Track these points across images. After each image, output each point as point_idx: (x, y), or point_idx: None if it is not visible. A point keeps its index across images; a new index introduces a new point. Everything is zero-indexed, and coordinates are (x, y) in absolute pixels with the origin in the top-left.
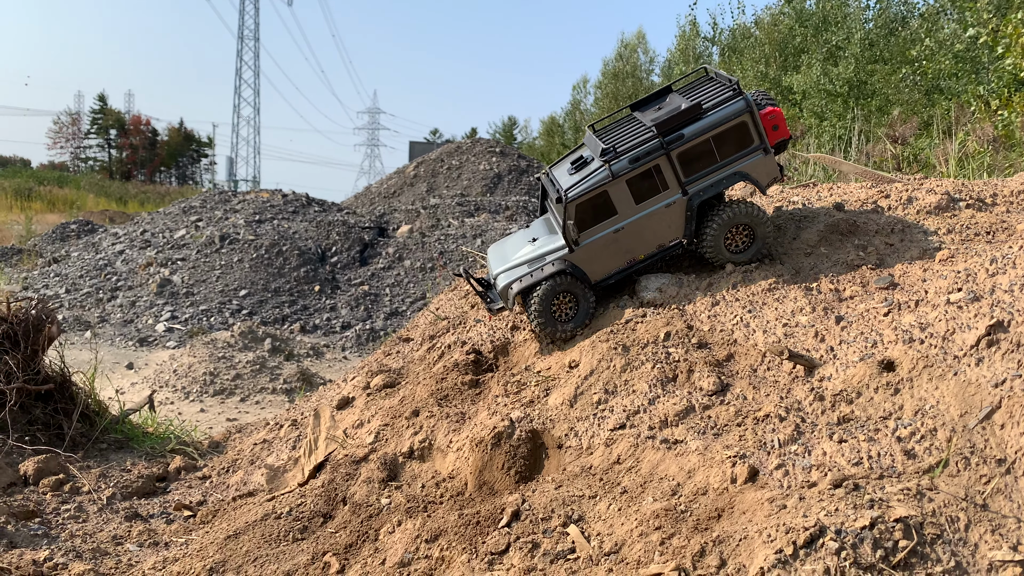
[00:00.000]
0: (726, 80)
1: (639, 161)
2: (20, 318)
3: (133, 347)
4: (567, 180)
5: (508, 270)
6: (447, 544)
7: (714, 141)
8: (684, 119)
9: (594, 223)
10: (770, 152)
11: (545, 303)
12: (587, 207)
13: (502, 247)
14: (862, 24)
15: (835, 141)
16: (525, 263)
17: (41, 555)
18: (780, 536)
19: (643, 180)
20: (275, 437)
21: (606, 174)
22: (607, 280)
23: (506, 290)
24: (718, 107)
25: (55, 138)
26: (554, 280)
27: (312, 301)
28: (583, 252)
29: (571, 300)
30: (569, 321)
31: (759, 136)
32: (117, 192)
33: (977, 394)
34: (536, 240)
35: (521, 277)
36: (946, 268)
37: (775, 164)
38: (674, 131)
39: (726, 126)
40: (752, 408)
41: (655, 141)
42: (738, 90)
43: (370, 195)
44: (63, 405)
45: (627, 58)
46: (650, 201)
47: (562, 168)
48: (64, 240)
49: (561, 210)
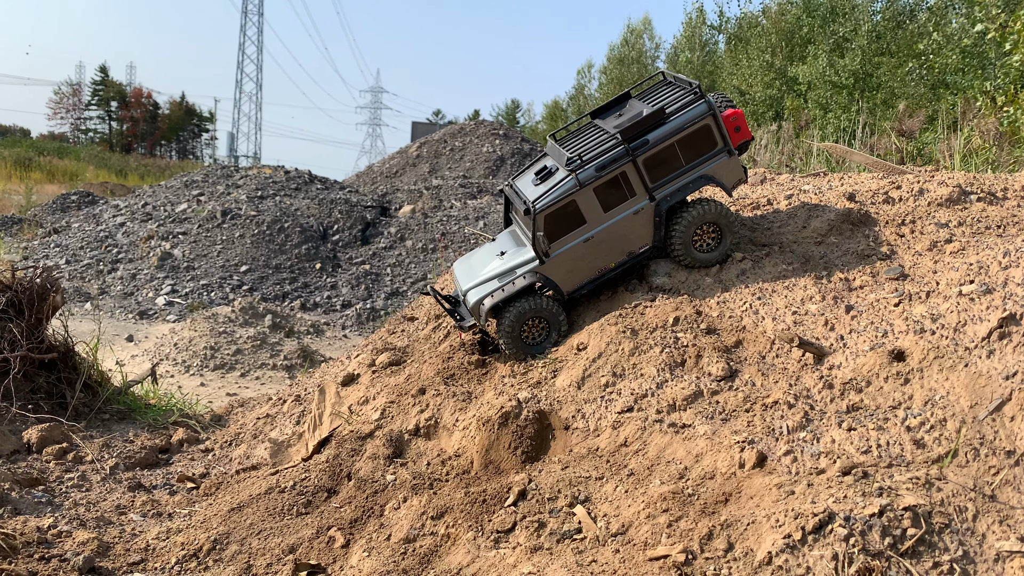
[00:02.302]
0: (686, 84)
1: (605, 169)
2: (25, 286)
3: (133, 320)
4: (533, 191)
5: (478, 286)
6: (453, 521)
7: (678, 146)
8: (648, 125)
9: (564, 233)
10: (734, 154)
11: (515, 326)
12: (556, 218)
13: (469, 262)
14: (870, 16)
15: (839, 133)
16: (495, 278)
17: (45, 522)
18: (788, 521)
19: (610, 188)
20: (278, 412)
21: (573, 183)
22: (580, 290)
23: (477, 306)
24: (681, 111)
25: (55, 108)
26: (526, 300)
27: (313, 279)
28: (554, 263)
29: (542, 324)
30: (538, 344)
31: (723, 139)
32: (117, 164)
33: (988, 386)
34: (504, 254)
35: (492, 292)
36: (957, 260)
37: (740, 166)
38: (638, 137)
39: (690, 130)
40: (761, 394)
41: (620, 148)
42: (700, 93)
43: (372, 174)
44: (66, 375)
45: (633, 44)
46: (618, 209)
47: (526, 179)
48: (64, 211)
49: (529, 222)
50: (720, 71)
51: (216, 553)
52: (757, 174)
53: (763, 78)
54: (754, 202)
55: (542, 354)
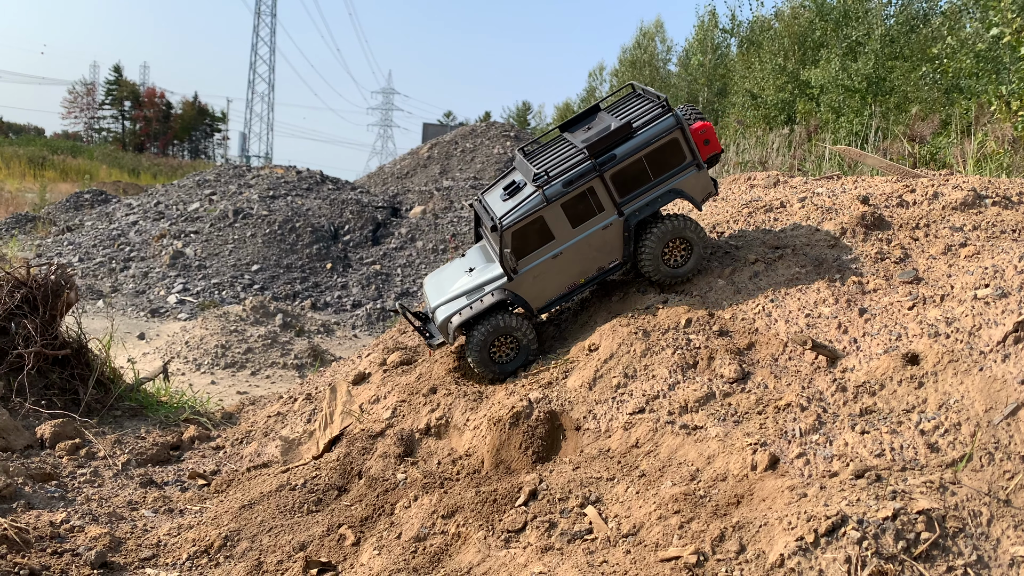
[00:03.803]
0: (654, 97)
1: (573, 184)
2: (39, 283)
3: (144, 317)
4: (501, 207)
5: (447, 303)
6: (463, 520)
7: (647, 160)
8: (615, 139)
9: (532, 249)
10: (703, 167)
11: (484, 344)
12: (523, 234)
13: (438, 278)
14: (883, 20)
15: (852, 137)
16: (464, 294)
17: (58, 517)
18: (801, 524)
19: (578, 203)
20: (289, 410)
21: (540, 199)
22: (549, 307)
23: (446, 324)
24: (648, 125)
25: (69, 108)
26: (496, 317)
27: (324, 278)
28: (523, 280)
29: (512, 343)
30: (508, 363)
31: (691, 152)
32: (130, 163)
33: (1003, 390)
34: (473, 270)
35: (461, 310)
36: (972, 264)
37: (709, 179)
38: (606, 152)
39: (658, 144)
40: (773, 397)
41: (588, 163)
42: (667, 107)
43: (383, 175)
44: (79, 371)
45: (645, 46)
46: (587, 224)
47: (495, 194)
48: (78, 209)
49: (497, 238)
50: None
51: (227, 550)
52: (770, 177)
53: (775, 81)
54: (767, 204)
55: (511, 374)
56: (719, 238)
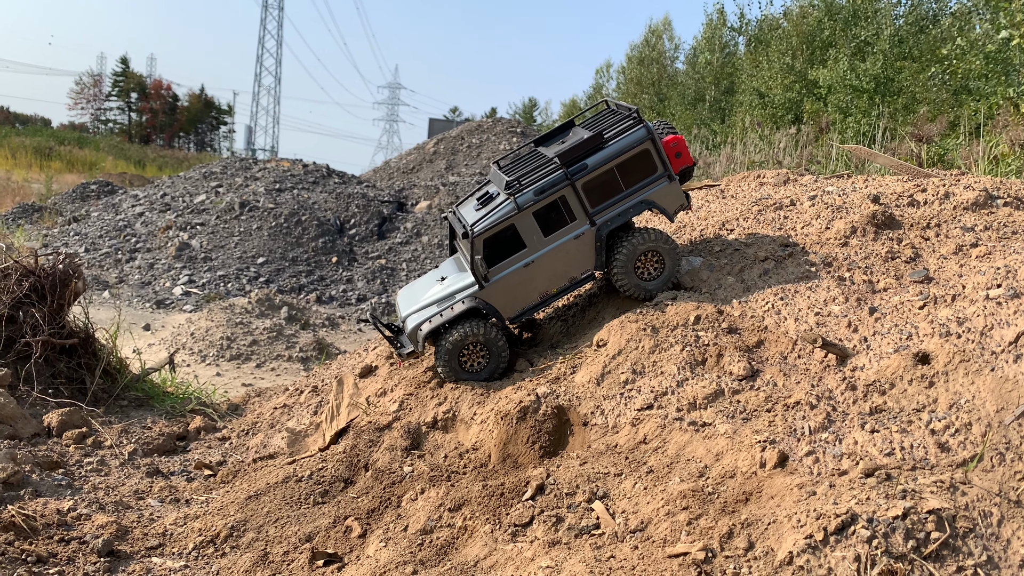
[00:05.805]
0: (627, 111)
1: (544, 192)
2: (47, 272)
3: (150, 309)
4: (473, 216)
5: (417, 311)
6: (470, 514)
7: (618, 170)
8: (586, 149)
9: (503, 258)
10: (675, 179)
11: (453, 352)
12: (494, 241)
13: (411, 289)
14: (892, 20)
15: (859, 137)
16: (435, 303)
17: (65, 505)
18: (810, 522)
19: (550, 212)
20: (295, 402)
21: (512, 207)
22: (521, 316)
23: (415, 332)
24: (619, 136)
25: (76, 99)
26: (466, 325)
27: (329, 272)
28: (494, 288)
29: (483, 352)
30: (478, 372)
31: (663, 164)
32: (136, 155)
33: (1014, 391)
34: (445, 279)
35: (430, 317)
36: (984, 264)
37: (680, 191)
38: (577, 161)
39: (629, 154)
40: (782, 395)
41: (559, 172)
42: (638, 119)
43: (389, 170)
44: (86, 360)
45: (653, 44)
46: (559, 233)
47: (469, 205)
48: (84, 200)
49: (468, 245)
50: (740, 73)
51: (233, 540)
52: (780, 175)
53: (783, 81)
54: (777, 202)
55: (483, 383)
56: (728, 235)
